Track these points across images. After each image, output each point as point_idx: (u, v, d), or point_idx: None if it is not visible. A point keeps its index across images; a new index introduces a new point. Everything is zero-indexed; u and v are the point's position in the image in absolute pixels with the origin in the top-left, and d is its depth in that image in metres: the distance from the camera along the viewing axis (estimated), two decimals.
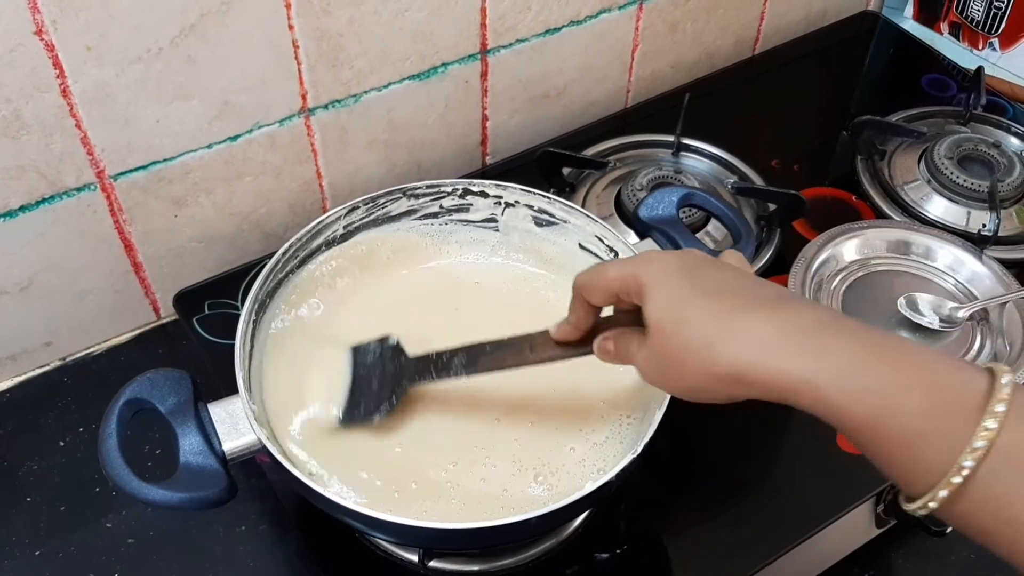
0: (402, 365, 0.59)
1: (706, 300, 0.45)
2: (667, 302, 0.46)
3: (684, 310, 0.45)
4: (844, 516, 0.64)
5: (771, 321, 0.43)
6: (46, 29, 0.60)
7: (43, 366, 0.78)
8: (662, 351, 0.46)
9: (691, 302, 0.45)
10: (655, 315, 0.46)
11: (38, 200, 0.67)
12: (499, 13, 0.79)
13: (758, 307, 0.44)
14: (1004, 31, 1.00)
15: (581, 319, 0.53)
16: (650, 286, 0.47)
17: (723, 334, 0.44)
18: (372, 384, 0.59)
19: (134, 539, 0.67)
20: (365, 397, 0.59)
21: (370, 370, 0.59)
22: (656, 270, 0.47)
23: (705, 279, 0.47)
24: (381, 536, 0.61)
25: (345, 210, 0.65)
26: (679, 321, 0.45)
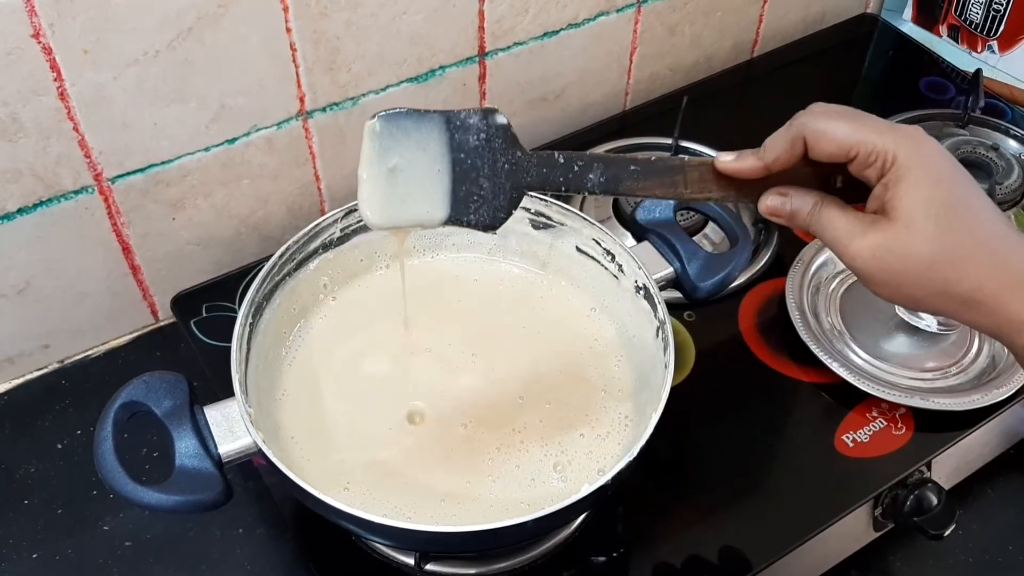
0: (518, 161, 0.47)
1: (972, 215, 0.44)
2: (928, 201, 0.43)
3: (953, 217, 0.43)
4: (842, 519, 0.64)
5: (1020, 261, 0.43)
6: (43, 32, 0.60)
7: (41, 369, 0.78)
8: (906, 249, 0.44)
9: (953, 211, 0.43)
10: (917, 208, 0.43)
11: (35, 203, 0.67)
12: (497, 16, 0.79)
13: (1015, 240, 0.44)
14: (1003, 33, 1.00)
15: (780, 159, 0.47)
16: (910, 172, 0.44)
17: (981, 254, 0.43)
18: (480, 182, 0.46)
19: (131, 542, 0.67)
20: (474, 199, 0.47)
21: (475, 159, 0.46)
22: (924, 160, 0.44)
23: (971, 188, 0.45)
24: (377, 539, 0.61)
25: (342, 213, 0.65)
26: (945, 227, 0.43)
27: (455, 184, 0.47)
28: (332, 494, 0.50)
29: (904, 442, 0.68)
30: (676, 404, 0.55)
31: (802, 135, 0.47)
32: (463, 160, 0.47)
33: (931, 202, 0.44)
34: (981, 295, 0.43)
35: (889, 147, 0.44)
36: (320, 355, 0.65)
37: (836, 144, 0.46)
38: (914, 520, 0.65)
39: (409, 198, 0.48)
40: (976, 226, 0.44)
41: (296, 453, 0.60)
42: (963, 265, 0.43)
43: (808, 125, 0.47)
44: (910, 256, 0.44)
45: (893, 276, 0.45)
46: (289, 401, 0.62)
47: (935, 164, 0.45)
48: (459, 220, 0.48)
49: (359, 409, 0.62)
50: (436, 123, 0.47)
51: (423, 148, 0.47)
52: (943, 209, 0.44)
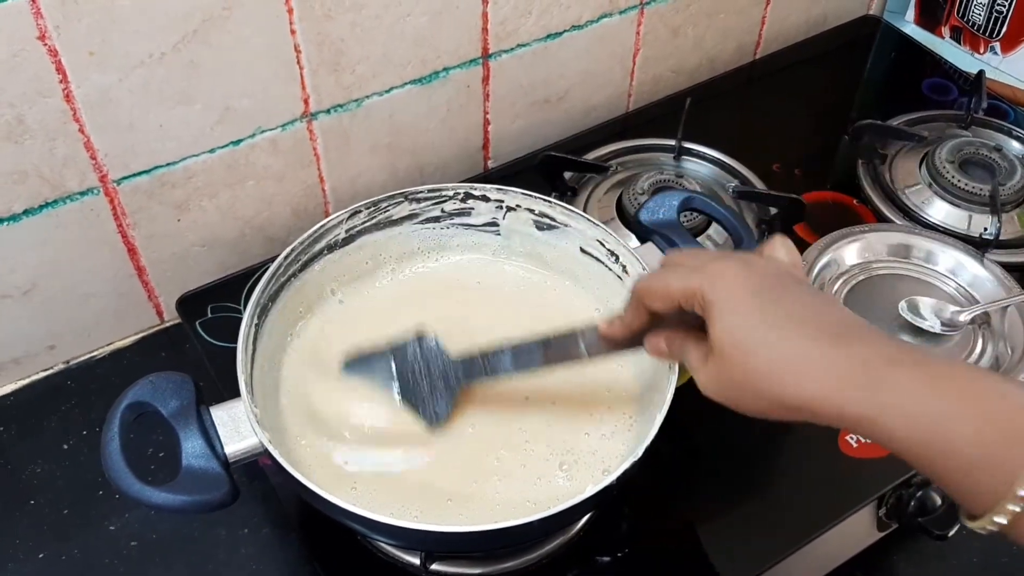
0: (447, 365, 0.59)
1: (775, 331, 0.46)
2: (735, 329, 0.46)
3: (753, 340, 0.46)
4: (846, 520, 0.64)
5: (838, 357, 0.44)
6: (49, 34, 0.60)
7: (46, 369, 0.78)
8: (727, 374, 0.47)
9: (760, 332, 0.46)
10: (722, 339, 0.47)
11: (41, 204, 0.68)
12: (500, 18, 0.80)
13: (825, 340, 0.45)
14: (1005, 35, 1.01)
15: (635, 321, 0.53)
16: (718, 307, 0.47)
17: (791, 368, 0.45)
18: (421, 387, 0.59)
19: (137, 542, 0.67)
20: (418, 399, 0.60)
21: (412, 370, 0.60)
22: (724, 289, 0.47)
23: (774, 304, 0.47)
24: (382, 539, 0.61)
25: (347, 214, 0.66)
26: (747, 351, 0.46)
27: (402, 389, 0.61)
28: (338, 494, 0.50)
29: None
30: (680, 404, 0.55)
31: (638, 297, 0.52)
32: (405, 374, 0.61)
33: (745, 316, 0.46)
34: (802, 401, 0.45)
35: (696, 287, 0.48)
36: (326, 356, 0.65)
37: (661, 296, 0.51)
38: (918, 521, 0.65)
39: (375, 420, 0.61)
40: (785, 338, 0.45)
41: (302, 453, 0.60)
42: (780, 379, 0.45)
43: (638, 287, 0.52)
44: (733, 381, 0.47)
45: (732, 398, 0.48)
46: (295, 401, 0.63)
47: (734, 292, 0.47)
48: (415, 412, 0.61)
49: (365, 410, 0.62)
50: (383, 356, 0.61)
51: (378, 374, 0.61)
52: (757, 318, 0.46)
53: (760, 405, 0.47)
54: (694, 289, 0.48)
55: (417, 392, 0.60)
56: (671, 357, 0.53)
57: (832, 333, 0.45)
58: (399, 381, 0.60)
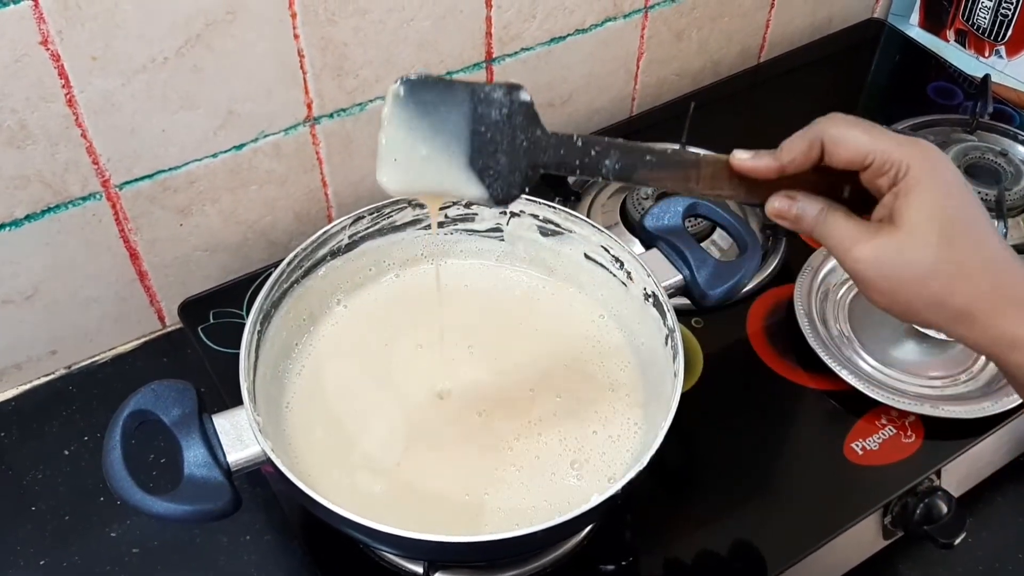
0: (537, 140, 0.47)
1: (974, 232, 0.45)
2: (934, 213, 0.44)
3: (950, 229, 0.44)
4: (851, 528, 0.64)
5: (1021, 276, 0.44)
6: (52, 39, 0.60)
7: (48, 374, 0.78)
8: (904, 256, 0.44)
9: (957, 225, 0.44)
10: (917, 220, 0.44)
11: (43, 209, 0.67)
12: (504, 22, 0.79)
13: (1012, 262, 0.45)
14: (1011, 38, 1.00)
15: (796, 160, 0.47)
16: (920, 184, 0.44)
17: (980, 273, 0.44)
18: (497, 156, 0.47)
19: (138, 549, 0.67)
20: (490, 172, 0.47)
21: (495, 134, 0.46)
22: (936, 172, 0.45)
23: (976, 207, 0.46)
24: (384, 548, 0.60)
25: (350, 220, 0.65)
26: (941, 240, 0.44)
27: (473, 156, 0.47)
28: (341, 503, 0.50)
29: (914, 450, 0.68)
30: (684, 410, 0.55)
31: (820, 139, 0.47)
32: (483, 133, 0.47)
33: (938, 214, 0.45)
34: (976, 310, 0.44)
35: (904, 158, 0.45)
36: (329, 363, 0.65)
37: (854, 150, 0.46)
38: (924, 528, 0.65)
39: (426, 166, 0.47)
40: (979, 244, 0.45)
41: (305, 461, 0.59)
42: (962, 279, 0.44)
43: (828, 130, 0.47)
44: (911, 263, 0.45)
45: (892, 283, 0.45)
46: (298, 409, 0.62)
47: (946, 180, 0.46)
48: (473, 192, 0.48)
49: (369, 417, 0.62)
50: (460, 95, 0.46)
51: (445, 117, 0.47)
52: (949, 223, 0.45)
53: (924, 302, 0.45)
54: (901, 157, 0.45)
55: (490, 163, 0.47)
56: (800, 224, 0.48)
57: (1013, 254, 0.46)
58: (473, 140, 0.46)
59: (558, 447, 0.61)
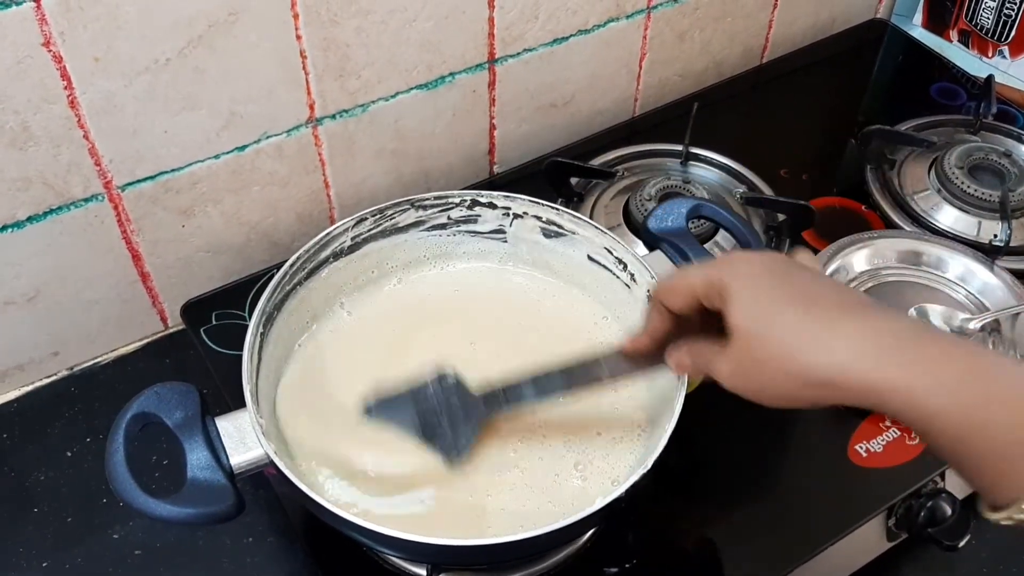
0: (469, 403, 0.58)
1: (796, 304, 0.45)
2: (755, 307, 0.46)
3: (774, 315, 0.45)
4: (855, 530, 0.64)
5: (865, 328, 0.43)
6: (54, 41, 0.60)
7: (50, 376, 0.78)
8: (749, 357, 0.46)
9: (781, 307, 0.45)
10: (742, 320, 0.46)
11: (46, 211, 0.67)
12: (507, 23, 0.79)
13: (849, 313, 0.44)
14: (1014, 39, 1.00)
15: (657, 328, 0.52)
16: (736, 290, 0.46)
17: (816, 340, 0.44)
18: (442, 426, 0.58)
19: (141, 550, 0.67)
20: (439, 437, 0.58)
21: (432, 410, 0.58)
22: (742, 274, 0.47)
23: (793, 283, 0.46)
24: (387, 551, 0.60)
25: (353, 222, 0.65)
26: (768, 327, 0.45)
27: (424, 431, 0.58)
28: (345, 506, 0.50)
29: (918, 452, 0.67)
30: (687, 413, 0.55)
31: (658, 301, 0.52)
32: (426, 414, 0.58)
33: (762, 299, 0.46)
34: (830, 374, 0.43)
35: (714, 275, 0.48)
36: (332, 365, 0.65)
37: (679, 294, 0.50)
38: (928, 531, 0.65)
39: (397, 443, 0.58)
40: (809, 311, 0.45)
41: (308, 464, 0.59)
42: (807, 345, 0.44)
43: (657, 290, 0.52)
44: (756, 363, 0.46)
45: (757, 384, 0.47)
46: (301, 412, 0.62)
47: (752, 273, 0.47)
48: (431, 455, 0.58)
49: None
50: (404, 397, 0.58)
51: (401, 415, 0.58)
52: (774, 301, 0.46)
53: (786, 387, 0.45)
54: (712, 278, 0.48)
55: (438, 432, 0.58)
56: (695, 368, 0.51)
57: (856, 307, 0.45)
58: (421, 422, 0.58)
59: (561, 448, 0.61)
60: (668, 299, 0.51)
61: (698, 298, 0.49)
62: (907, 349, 0.42)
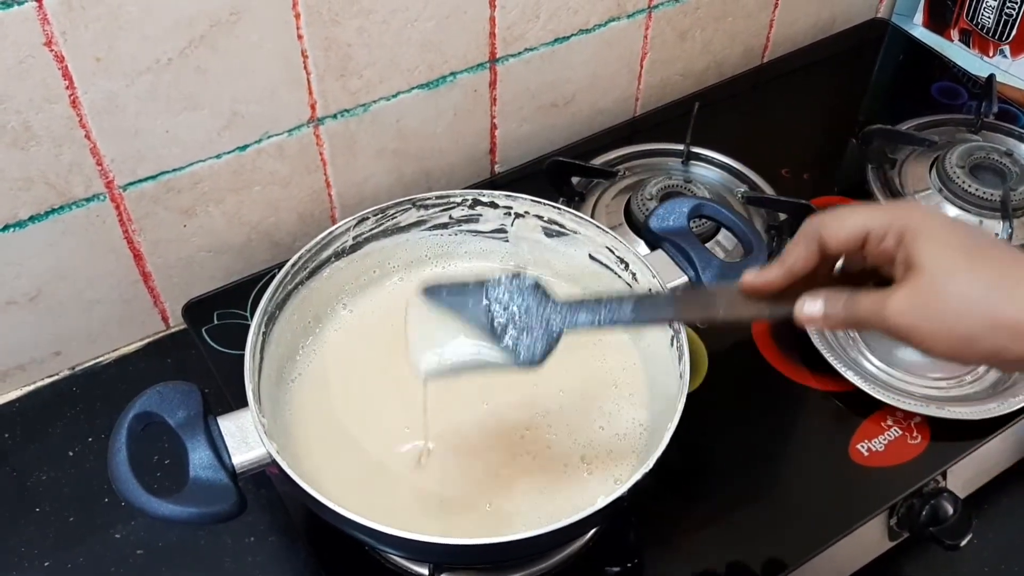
0: (550, 307, 0.52)
1: (992, 248, 0.45)
2: (952, 244, 0.45)
3: (973, 252, 0.44)
4: (857, 529, 0.64)
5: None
6: (56, 40, 0.60)
7: (52, 375, 0.78)
8: (937, 294, 0.44)
9: (979, 248, 0.45)
10: (938, 255, 0.44)
11: (47, 211, 0.67)
12: (508, 22, 0.79)
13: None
14: (1015, 38, 1.00)
15: (799, 264, 0.48)
16: (928, 227, 0.45)
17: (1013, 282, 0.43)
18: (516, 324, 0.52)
19: (143, 550, 0.67)
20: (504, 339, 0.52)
21: (507, 307, 0.52)
22: (929, 214, 0.46)
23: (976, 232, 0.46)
24: (389, 550, 0.60)
25: (354, 221, 0.65)
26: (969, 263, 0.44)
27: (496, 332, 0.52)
28: (346, 505, 0.50)
29: (919, 451, 0.67)
30: (689, 411, 0.55)
31: (816, 233, 0.48)
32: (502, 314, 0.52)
33: (955, 243, 0.45)
34: None
35: (899, 215, 0.46)
36: (333, 362, 0.65)
37: (849, 228, 0.47)
38: (930, 530, 0.65)
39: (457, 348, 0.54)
40: (1005, 254, 0.45)
41: (310, 463, 0.59)
42: (1005, 289, 0.43)
43: (820, 222, 0.48)
44: (948, 295, 0.44)
45: (939, 322, 0.44)
46: (302, 410, 0.62)
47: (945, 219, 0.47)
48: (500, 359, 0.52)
49: (373, 417, 0.62)
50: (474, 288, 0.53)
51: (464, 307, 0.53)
52: (966, 246, 0.45)
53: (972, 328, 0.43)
54: (896, 217, 0.46)
55: (510, 330, 0.52)
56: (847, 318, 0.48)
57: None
58: (493, 315, 0.52)
59: (568, 441, 0.61)
60: (832, 233, 0.47)
61: (866, 237, 0.47)
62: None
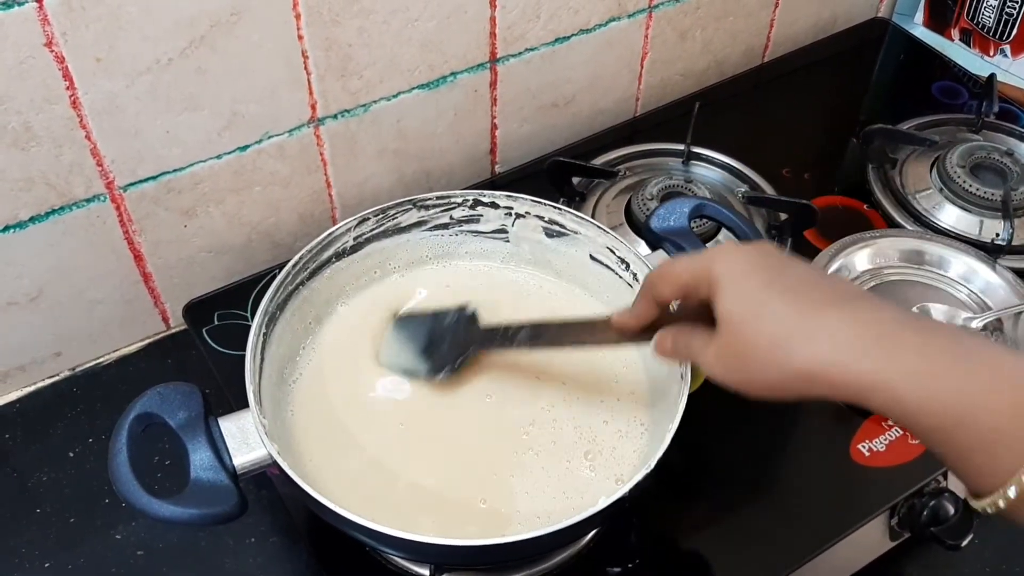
0: (472, 332, 0.62)
1: (783, 296, 0.45)
2: (742, 296, 0.46)
3: (760, 305, 0.45)
4: (858, 530, 0.64)
5: (849, 320, 0.43)
6: (56, 41, 0.60)
7: (52, 376, 0.78)
8: (735, 346, 0.46)
9: (768, 297, 0.45)
10: (729, 309, 0.46)
11: (48, 211, 0.67)
12: (508, 22, 0.79)
13: (835, 305, 0.44)
14: (1016, 37, 1.00)
15: (643, 312, 0.53)
16: (724, 279, 0.46)
17: (800, 332, 0.44)
18: (443, 345, 0.62)
19: (143, 551, 0.67)
20: (434, 355, 0.62)
21: (444, 333, 0.62)
22: (730, 263, 0.47)
23: (781, 274, 0.46)
24: (390, 551, 0.60)
25: (355, 222, 0.65)
26: (755, 316, 0.45)
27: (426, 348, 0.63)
28: (347, 506, 0.50)
29: (921, 451, 0.67)
30: (690, 412, 0.55)
31: (649, 288, 0.52)
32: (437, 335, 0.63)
33: (748, 292, 0.46)
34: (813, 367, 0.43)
35: (702, 266, 0.48)
36: (334, 364, 0.65)
37: (669, 282, 0.50)
38: (931, 530, 0.65)
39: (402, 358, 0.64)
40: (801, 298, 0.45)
41: (311, 464, 0.59)
42: (789, 345, 0.44)
43: (650, 279, 0.52)
44: (741, 355, 0.46)
45: (744, 373, 0.46)
46: (303, 411, 0.62)
47: (739, 265, 0.47)
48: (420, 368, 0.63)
49: (374, 417, 0.62)
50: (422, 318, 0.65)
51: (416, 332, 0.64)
52: (759, 298, 0.45)
53: (769, 379, 0.45)
54: (699, 268, 0.48)
55: (437, 351, 0.62)
56: (676, 354, 0.52)
57: (843, 297, 0.45)
58: (427, 340, 0.63)
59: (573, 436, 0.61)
60: (657, 287, 0.51)
61: (686, 287, 0.49)
62: (888, 340, 0.42)
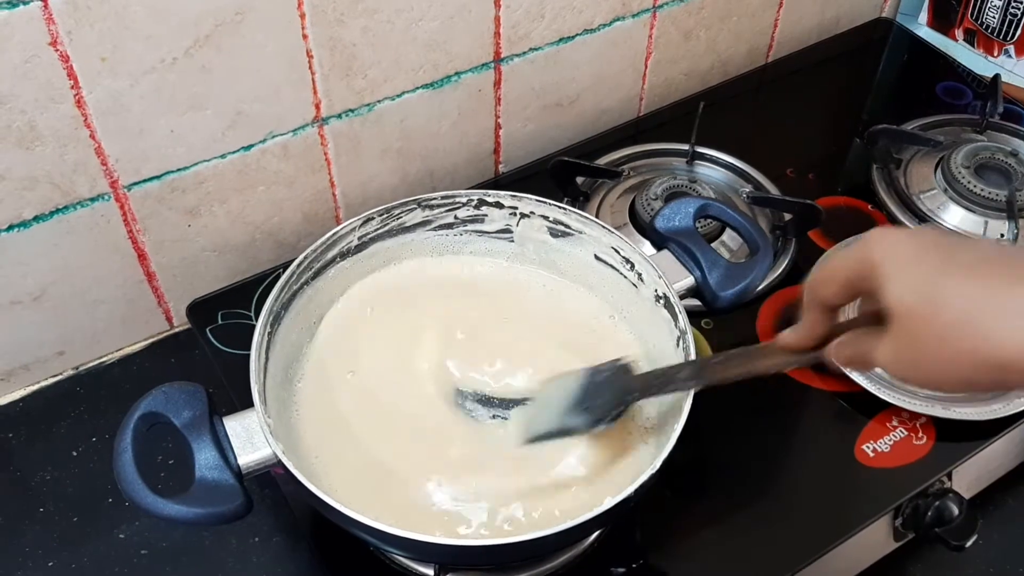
0: (630, 381, 0.58)
1: (965, 274, 0.40)
2: (915, 282, 0.41)
3: (938, 290, 0.40)
4: (862, 530, 0.64)
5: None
6: (61, 40, 0.60)
7: (56, 375, 0.78)
8: (914, 338, 0.41)
9: (945, 280, 0.40)
10: (900, 298, 0.41)
11: (52, 211, 0.67)
12: (512, 22, 0.79)
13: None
14: (1020, 37, 1.00)
15: (815, 323, 0.48)
16: (889, 266, 0.42)
17: (992, 314, 0.39)
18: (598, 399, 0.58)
19: (147, 550, 0.67)
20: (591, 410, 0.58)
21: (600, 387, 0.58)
22: (892, 247, 0.42)
23: (955, 253, 0.41)
24: (394, 551, 0.60)
25: (360, 221, 0.65)
26: (933, 303, 0.40)
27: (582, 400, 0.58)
28: (352, 506, 0.50)
29: (925, 452, 0.67)
30: (694, 412, 0.55)
31: (810, 294, 0.48)
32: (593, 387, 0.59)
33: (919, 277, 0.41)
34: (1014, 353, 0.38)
35: (863, 252, 0.43)
36: (338, 364, 0.65)
37: (829, 282, 0.46)
38: (935, 531, 0.64)
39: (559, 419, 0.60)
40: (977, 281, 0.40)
41: (315, 463, 0.59)
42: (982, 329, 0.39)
43: (810, 285, 0.48)
44: (924, 347, 0.41)
45: (925, 371, 0.42)
46: (308, 411, 0.62)
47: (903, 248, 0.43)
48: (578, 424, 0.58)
49: (378, 417, 0.62)
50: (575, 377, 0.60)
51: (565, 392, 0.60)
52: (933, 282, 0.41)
53: (960, 371, 0.40)
54: (858, 258, 0.43)
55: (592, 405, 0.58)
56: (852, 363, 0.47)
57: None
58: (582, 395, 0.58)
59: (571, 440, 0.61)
60: (818, 291, 0.46)
61: (850, 283, 0.44)
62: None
